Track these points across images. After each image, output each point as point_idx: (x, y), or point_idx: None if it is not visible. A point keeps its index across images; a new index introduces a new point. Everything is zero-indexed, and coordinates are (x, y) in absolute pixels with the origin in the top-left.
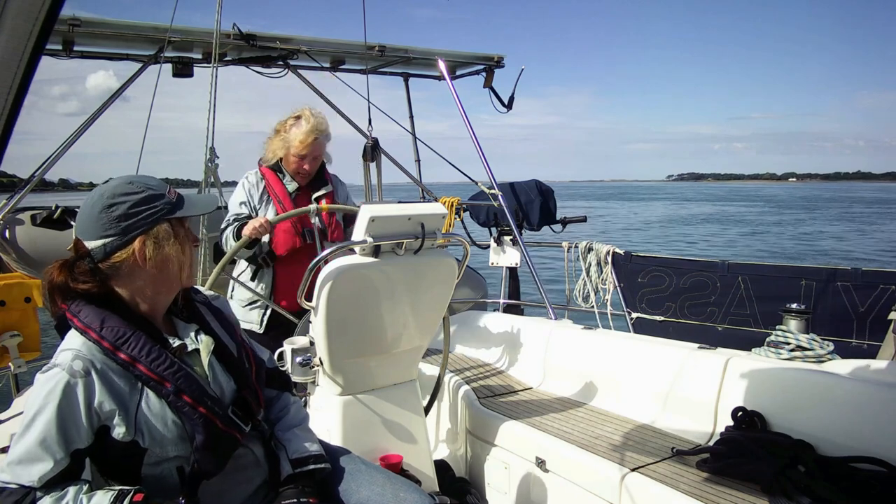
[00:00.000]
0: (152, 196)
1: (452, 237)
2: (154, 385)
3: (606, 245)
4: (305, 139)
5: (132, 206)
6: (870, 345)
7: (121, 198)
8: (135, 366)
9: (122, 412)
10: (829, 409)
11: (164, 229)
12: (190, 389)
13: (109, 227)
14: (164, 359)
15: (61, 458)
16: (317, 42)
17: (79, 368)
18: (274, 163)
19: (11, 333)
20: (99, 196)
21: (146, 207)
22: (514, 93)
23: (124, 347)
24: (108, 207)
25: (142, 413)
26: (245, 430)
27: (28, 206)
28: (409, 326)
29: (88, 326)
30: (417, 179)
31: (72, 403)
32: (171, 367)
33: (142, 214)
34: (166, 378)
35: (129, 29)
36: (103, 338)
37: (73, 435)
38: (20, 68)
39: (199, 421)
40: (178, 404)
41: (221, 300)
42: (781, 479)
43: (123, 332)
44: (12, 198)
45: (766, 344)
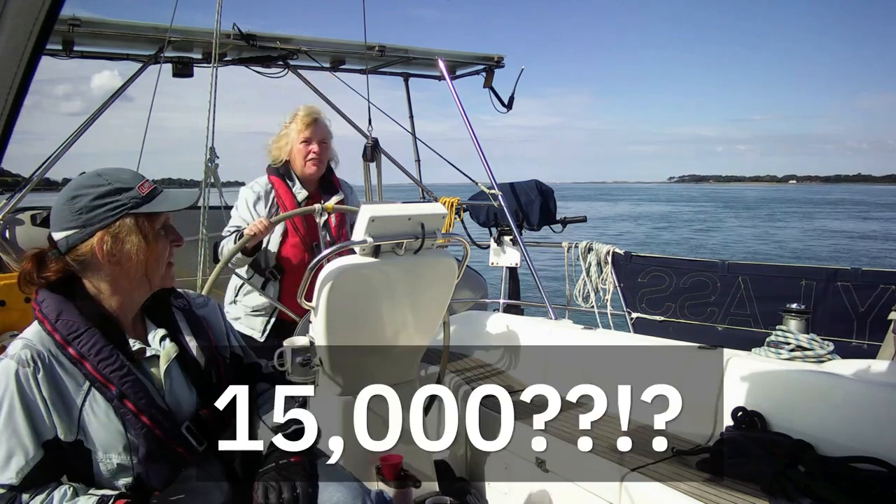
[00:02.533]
0: (117, 189)
1: (452, 237)
2: (99, 386)
3: (606, 245)
4: (305, 120)
5: (94, 198)
6: (870, 345)
7: (85, 190)
8: (82, 363)
9: (65, 409)
10: (829, 409)
11: (127, 224)
12: (135, 396)
13: (71, 220)
14: (113, 360)
15: (34, 449)
16: (317, 42)
17: (26, 357)
18: (284, 169)
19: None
20: (67, 188)
21: (108, 201)
22: (514, 93)
23: (75, 343)
24: (72, 199)
25: (86, 413)
26: (196, 449)
27: (28, 206)
28: (408, 326)
29: (45, 317)
30: (417, 179)
31: (29, 392)
32: (120, 370)
33: (103, 207)
34: (111, 380)
35: (129, 29)
36: (56, 330)
37: (39, 424)
38: (20, 68)
39: (142, 431)
40: (121, 410)
41: (210, 307)
42: (781, 479)
43: (77, 328)
44: (12, 198)
45: (766, 344)
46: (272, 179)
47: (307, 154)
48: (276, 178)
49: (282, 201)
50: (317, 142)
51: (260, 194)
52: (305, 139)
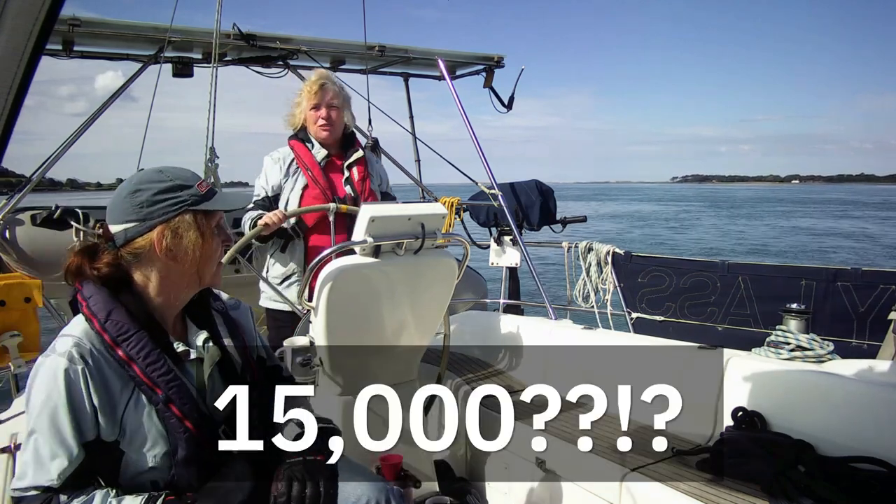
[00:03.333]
0: (178, 186)
1: (452, 237)
2: (146, 389)
3: (606, 245)
4: (312, 87)
5: (156, 193)
6: (870, 345)
7: (147, 185)
8: (130, 365)
9: (111, 410)
10: (829, 409)
11: (187, 220)
12: (181, 401)
13: (132, 213)
14: (161, 364)
15: (76, 450)
16: (317, 42)
17: (76, 355)
18: (303, 134)
19: (11, 333)
20: (128, 183)
21: (170, 196)
22: (514, 93)
23: (124, 345)
24: (133, 193)
25: (129, 414)
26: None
27: (29, 206)
28: (409, 326)
29: (94, 315)
30: (417, 179)
31: (77, 391)
32: (167, 374)
33: (164, 202)
34: (159, 384)
35: (129, 29)
36: (105, 330)
37: (83, 424)
38: (20, 68)
39: (184, 436)
40: (165, 414)
41: (242, 310)
42: (781, 479)
43: (127, 329)
44: (12, 198)
45: (766, 344)
46: (292, 144)
47: (317, 119)
48: (295, 141)
49: (302, 161)
50: (325, 106)
51: (277, 159)
52: (314, 105)
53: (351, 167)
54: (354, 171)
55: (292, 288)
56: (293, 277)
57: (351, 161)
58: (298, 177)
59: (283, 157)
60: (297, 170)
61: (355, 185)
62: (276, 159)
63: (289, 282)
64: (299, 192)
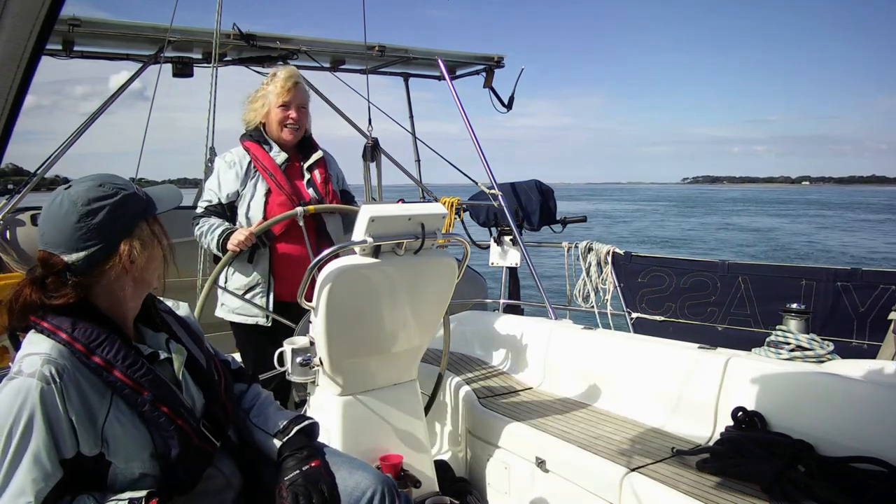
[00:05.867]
0: (127, 196)
1: (452, 237)
2: (128, 393)
3: (606, 245)
4: (285, 84)
5: (112, 210)
6: (870, 345)
7: (97, 203)
8: (110, 371)
9: (90, 423)
10: (829, 409)
11: (145, 229)
12: (167, 399)
13: (92, 236)
14: (140, 365)
15: (54, 470)
16: (317, 42)
17: (50, 374)
18: (257, 134)
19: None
20: (71, 204)
21: (125, 209)
22: (513, 93)
23: (99, 350)
24: (86, 216)
25: (110, 424)
26: (216, 445)
27: (29, 206)
28: (409, 326)
29: (58, 328)
30: (417, 179)
31: (53, 411)
32: (148, 374)
33: (123, 217)
34: (143, 385)
35: (129, 29)
36: (76, 339)
37: (61, 443)
38: (20, 68)
39: (175, 434)
40: (153, 414)
41: (183, 309)
42: (781, 479)
43: (98, 335)
44: (13, 198)
45: (766, 344)
46: (247, 145)
47: (285, 119)
48: (251, 143)
49: (261, 165)
50: (295, 107)
51: (232, 162)
52: (284, 103)
53: (312, 169)
54: (316, 172)
55: (256, 300)
56: (257, 288)
57: (311, 163)
58: (259, 182)
59: (238, 159)
60: (257, 174)
61: (318, 187)
62: (230, 162)
63: (252, 293)
64: (262, 198)
